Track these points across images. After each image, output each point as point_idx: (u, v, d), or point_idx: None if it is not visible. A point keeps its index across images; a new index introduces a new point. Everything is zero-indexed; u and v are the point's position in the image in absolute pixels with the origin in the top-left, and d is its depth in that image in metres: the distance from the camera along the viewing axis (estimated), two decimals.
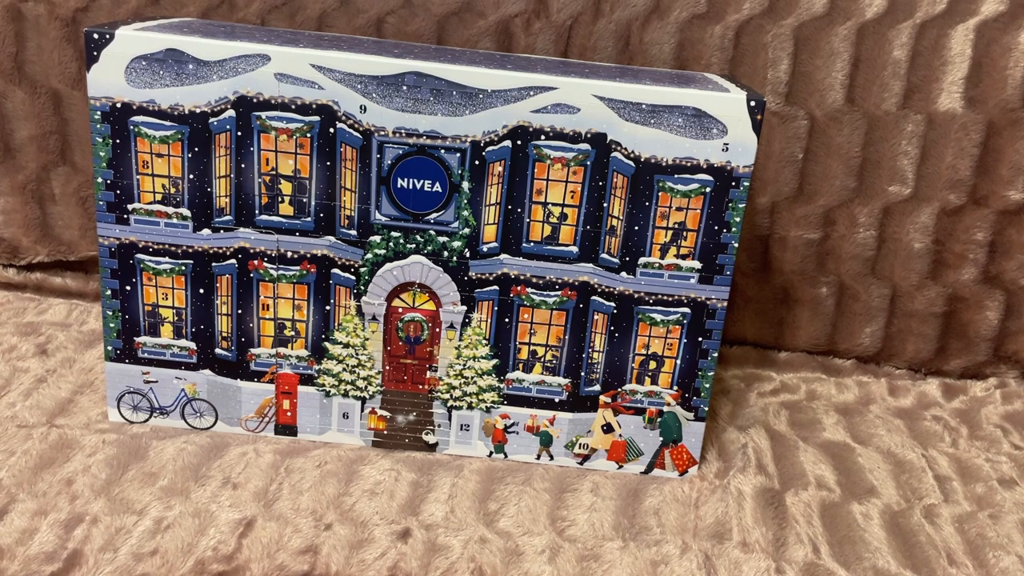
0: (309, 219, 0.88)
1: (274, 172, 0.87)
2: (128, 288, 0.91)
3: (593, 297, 0.91)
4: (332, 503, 0.86)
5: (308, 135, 0.86)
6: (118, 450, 0.90)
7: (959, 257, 1.15)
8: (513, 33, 1.11)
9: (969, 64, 1.08)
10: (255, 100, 0.85)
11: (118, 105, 0.85)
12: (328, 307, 0.91)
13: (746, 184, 0.87)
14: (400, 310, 0.91)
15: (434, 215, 0.88)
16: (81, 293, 1.23)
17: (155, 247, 0.90)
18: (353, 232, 0.89)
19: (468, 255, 0.89)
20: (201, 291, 0.91)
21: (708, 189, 0.87)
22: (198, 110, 0.85)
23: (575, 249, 0.89)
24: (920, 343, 1.20)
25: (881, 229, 1.15)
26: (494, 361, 0.93)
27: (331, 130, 0.85)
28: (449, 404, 0.95)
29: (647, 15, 1.10)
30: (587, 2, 1.10)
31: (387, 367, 0.93)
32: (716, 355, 0.93)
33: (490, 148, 0.86)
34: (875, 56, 1.09)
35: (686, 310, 0.91)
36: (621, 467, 0.96)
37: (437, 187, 0.87)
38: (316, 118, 0.85)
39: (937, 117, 1.10)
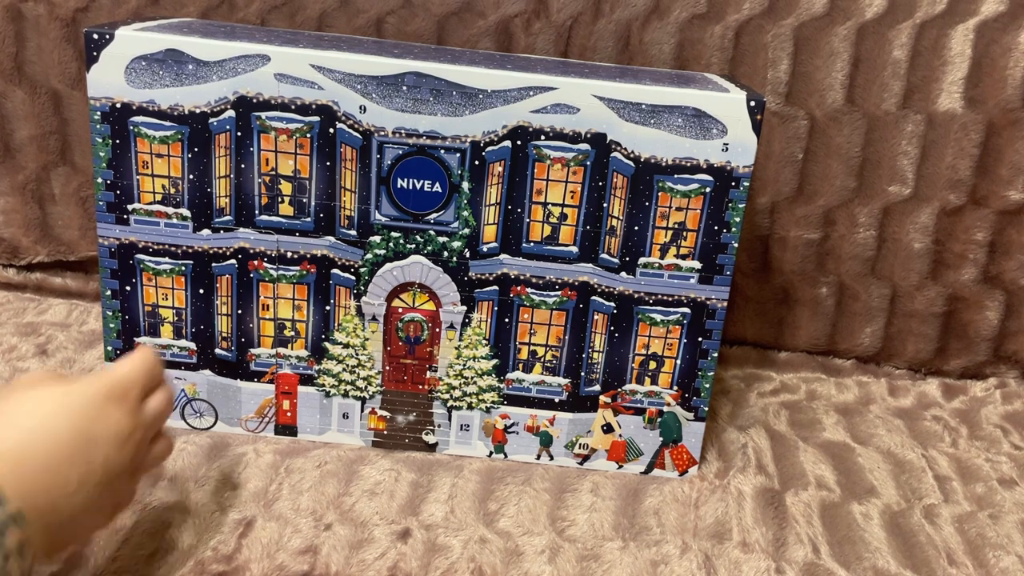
0: (309, 219, 0.88)
1: (274, 172, 0.87)
2: (128, 288, 0.91)
3: (593, 297, 0.91)
4: (332, 503, 0.86)
5: (308, 135, 0.86)
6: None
7: (959, 257, 1.15)
8: (513, 33, 1.11)
9: (969, 64, 1.08)
10: (255, 100, 0.85)
11: (118, 105, 0.85)
12: (328, 307, 0.91)
13: (746, 184, 0.87)
14: (400, 310, 0.91)
15: (434, 215, 0.88)
16: (81, 293, 1.23)
17: (155, 247, 0.90)
18: (353, 232, 0.89)
19: (468, 255, 0.89)
20: (201, 291, 0.91)
21: (708, 189, 0.87)
22: (198, 110, 0.85)
23: (575, 249, 0.89)
24: (920, 343, 1.20)
25: (881, 229, 1.15)
26: (494, 361, 0.93)
27: (331, 130, 0.85)
28: (449, 404, 0.95)
29: (647, 15, 1.10)
30: (587, 2, 1.10)
31: (387, 367, 0.93)
32: (716, 355, 0.93)
33: (490, 148, 0.86)
34: (875, 56, 1.09)
35: (686, 310, 0.91)
36: (621, 467, 0.96)
37: (437, 187, 0.87)
38: (316, 118, 0.85)
39: (937, 117, 1.10)
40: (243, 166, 0.87)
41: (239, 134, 0.86)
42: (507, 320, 0.92)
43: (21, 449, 0.61)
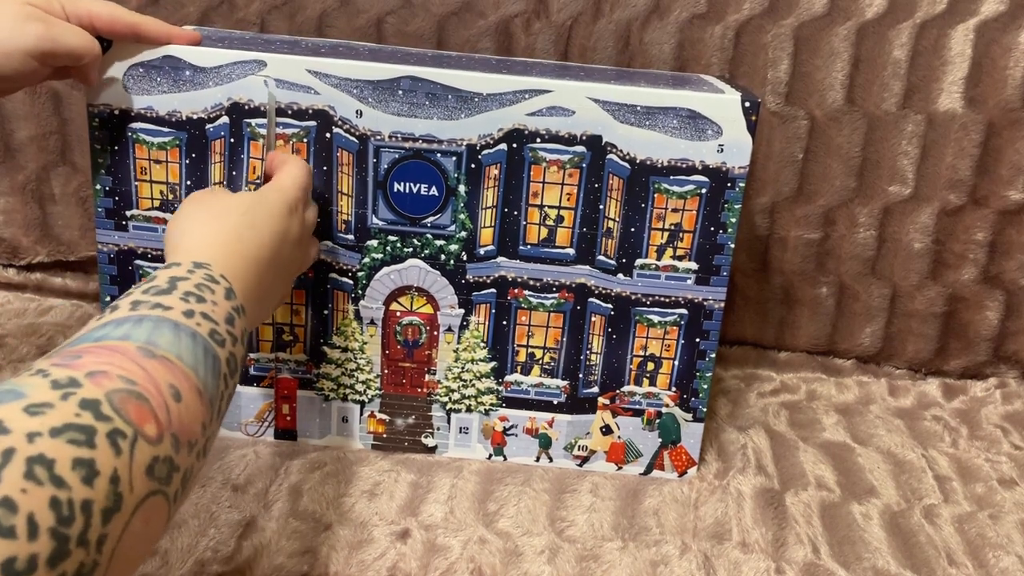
0: None
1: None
2: None
3: (590, 299, 0.91)
4: (331, 504, 0.87)
5: (305, 140, 0.86)
6: None
7: (959, 257, 1.15)
8: (513, 33, 1.11)
9: (969, 64, 1.08)
10: (247, 107, 0.85)
11: (116, 112, 0.85)
12: (326, 311, 0.92)
13: (741, 185, 0.87)
14: (398, 313, 0.92)
15: (431, 218, 0.88)
16: (81, 293, 1.23)
17: (154, 253, 0.90)
18: (350, 236, 0.89)
19: (465, 258, 0.90)
20: None
21: (704, 190, 0.87)
22: (195, 116, 0.85)
23: (572, 251, 0.89)
24: (920, 343, 1.20)
25: (881, 229, 1.14)
26: (492, 364, 0.93)
27: (327, 135, 0.86)
28: (448, 407, 0.95)
29: (647, 15, 1.10)
30: (587, 2, 1.10)
31: (385, 371, 0.94)
32: (714, 356, 0.93)
33: (486, 151, 0.86)
34: (875, 56, 1.08)
35: (683, 311, 0.91)
36: (620, 468, 0.96)
37: (433, 191, 0.87)
38: (312, 123, 0.85)
39: (937, 117, 1.10)
40: (234, 172, 0.87)
41: (232, 140, 0.86)
42: (505, 323, 0.92)
43: (242, 254, 0.69)
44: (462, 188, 0.87)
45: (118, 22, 0.80)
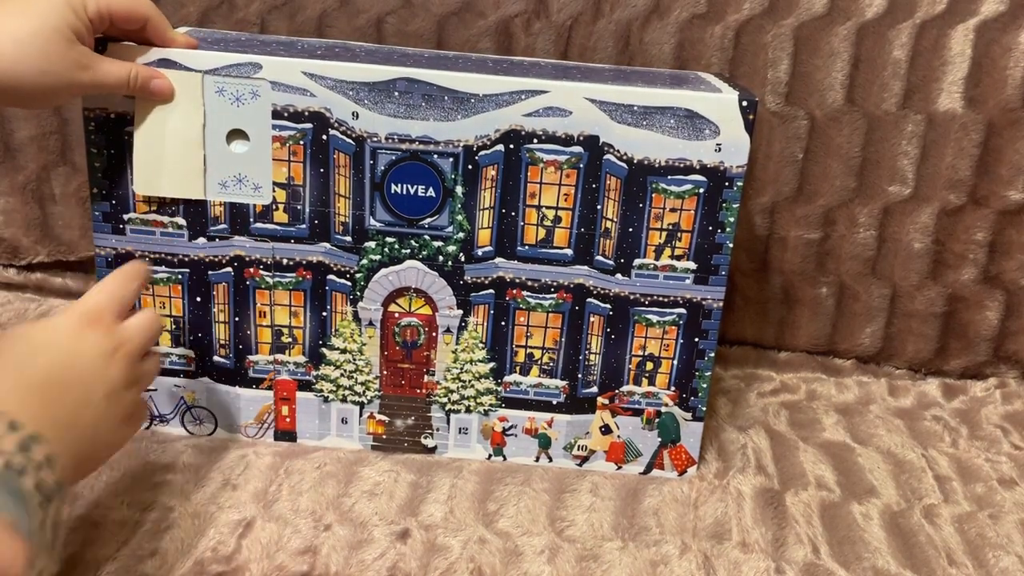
0: (304, 226, 0.89)
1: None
2: None
3: (589, 299, 0.91)
4: (331, 504, 0.87)
5: (301, 142, 0.86)
6: (118, 453, 0.90)
7: (959, 257, 1.15)
8: (513, 33, 1.11)
9: (969, 64, 1.08)
10: None
11: (112, 116, 0.85)
12: (325, 313, 0.92)
13: (739, 184, 0.87)
14: (396, 315, 0.92)
15: (428, 220, 0.88)
16: (81, 293, 1.19)
17: (151, 256, 0.90)
18: (348, 238, 0.89)
19: (463, 259, 0.90)
20: (198, 299, 0.92)
21: (702, 190, 0.87)
22: None
23: (570, 252, 0.89)
24: (920, 343, 1.20)
25: (881, 229, 1.14)
26: (491, 364, 0.93)
27: (324, 137, 0.86)
28: (447, 408, 0.95)
29: (647, 15, 1.10)
30: (587, 2, 1.10)
31: (385, 372, 0.94)
32: (713, 355, 0.93)
33: (483, 152, 0.86)
34: (875, 56, 1.08)
35: (682, 311, 0.91)
36: (620, 468, 0.96)
37: (431, 192, 0.87)
38: (309, 125, 0.85)
39: (937, 117, 1.10)
40: None
41: None
42: (503, 323, 0.92)
43: (19, 384, 0.64)
44: (459, 189, 0.87)
45: (127, 7, 0.81)
